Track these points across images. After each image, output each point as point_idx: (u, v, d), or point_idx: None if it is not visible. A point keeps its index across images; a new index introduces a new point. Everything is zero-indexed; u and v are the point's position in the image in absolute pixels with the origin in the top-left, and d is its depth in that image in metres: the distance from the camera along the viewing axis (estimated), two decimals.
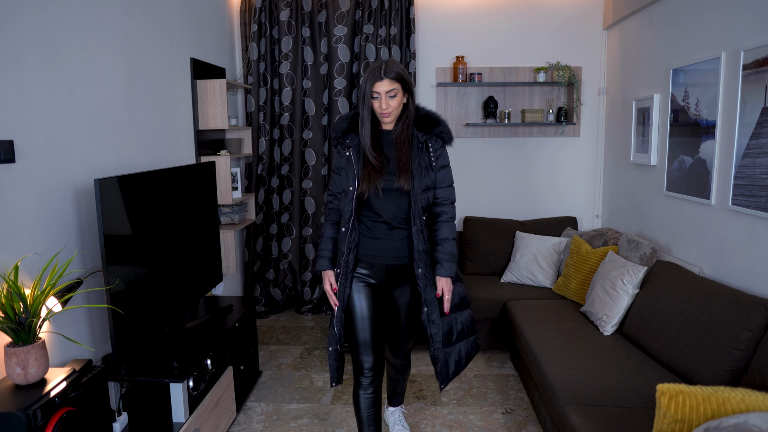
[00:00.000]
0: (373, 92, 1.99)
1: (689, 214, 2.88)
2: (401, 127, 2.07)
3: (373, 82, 1.98)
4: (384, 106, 1.99)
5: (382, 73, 1.96)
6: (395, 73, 1.97)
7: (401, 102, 2.03)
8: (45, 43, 2.00)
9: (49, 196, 2.02)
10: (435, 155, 2.09)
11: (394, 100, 2.00)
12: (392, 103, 2.00)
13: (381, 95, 1.99)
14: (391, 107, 2.00)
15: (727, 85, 2.51)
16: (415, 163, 2.05)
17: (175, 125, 3.10)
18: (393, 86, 1.98)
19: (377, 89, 1.98)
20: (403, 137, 2.07)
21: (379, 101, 2.00)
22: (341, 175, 2.13)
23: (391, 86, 1.98)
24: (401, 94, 2.02)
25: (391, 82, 1.98)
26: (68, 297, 1.88)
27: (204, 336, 2.50)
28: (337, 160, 2.15)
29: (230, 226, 3.70)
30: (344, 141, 2.11)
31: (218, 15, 3.88)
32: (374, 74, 1.97)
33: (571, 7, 4.11)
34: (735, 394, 1.51)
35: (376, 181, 2.04)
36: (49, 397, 1.62)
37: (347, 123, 2.12)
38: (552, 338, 2.70)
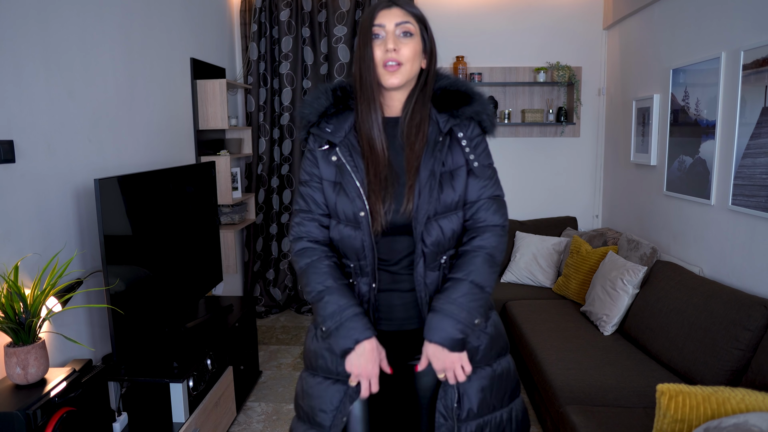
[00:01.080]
0: (375, 25, 1.24)
1: (689, 214, 2.88)
2: (414, 106, 1.29)
3: (377, 8, 1.26)
4: (391, 49, 1.22)
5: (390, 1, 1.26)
6: (410, 5, 1.28)
7: (418, 56, 1.27)
8: (45, 43, 2.00)
9: (49, 196, 2.02)
10: (471, 148, 1.30)
11: (408, 43, 1.24)
12: (405, 48, 1.24)
13: (388, 32, 1.24)
14: (404, 55, 1.24)
15: (727, 85, 2.51)
16: (427, 169, 1.25)
17: (175, 125, 3.10)
18: (407, 19, 1.25)
19: (382, 20, 1.24)
20: (417, 126, 1.28)
21: (383, 43, 1.24)
22: (320, 189, 1.33)
23: (405, 18, 1.25)
24: (419, 41, 1.27)
25: (406, 14, 1.25)
26: (68, 297, 1.88)
27: (204, 336, 2.50)
28: (311, 163, 1.33)
29: (230, 226, 3.70)
30: (322, 130, 1.30)
31: (218, 15, 3.88)
32: (381, 3, 1.27)
33: (571, 7, 4.11)
34: (735, 394, 1.51)
35: (387, 202, 1.26)
36: (49, 397, 1.62)
37: (327, 99, 1.31)
38: (552, 338, 2.70)
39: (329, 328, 1.26)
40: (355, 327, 1.24)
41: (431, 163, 1.26)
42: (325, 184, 1.31)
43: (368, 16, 1.26)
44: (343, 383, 1.32)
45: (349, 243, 1.29)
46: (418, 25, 1.27)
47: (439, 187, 1.26)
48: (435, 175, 1.25)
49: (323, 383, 1.35)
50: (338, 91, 1.32)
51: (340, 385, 1.33)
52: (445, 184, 1.27)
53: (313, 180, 1.33)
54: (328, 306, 1.26)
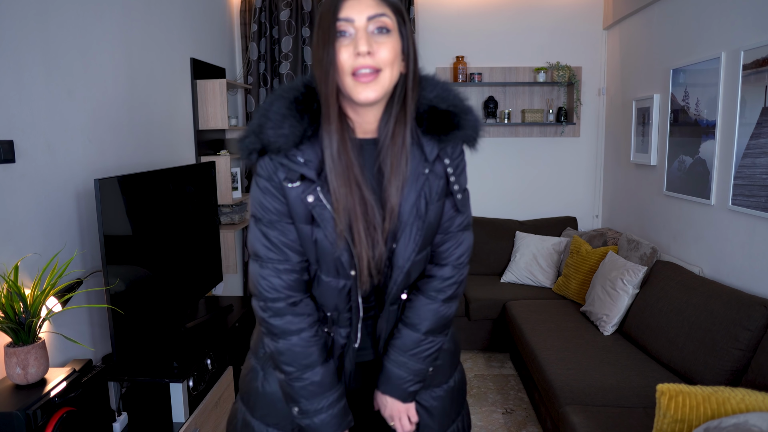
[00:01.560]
0: (341, 20, 0.93)
1: (689, 214, 2.88)
2: (395, 127, 1.01)
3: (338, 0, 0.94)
4: (364, 52, 0.92)
5: None
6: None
7: (398, 58, 0.97)
8: (45, 43, 2.00)
9: (49, 196, 2.02)
10: (455, 174, 1.07)
11: (385, 42, 0.95)
12: (382, 49, 0.94)
13: (358, 29, 0.93)
14: (381, 58, 0.94)
15: (727, 85, 2.51)
16: (408, 205, 1.03)
17: (175, 125, 3.10)
18: (382, 10, 0.94)
19: (349, 13, 0.93)
20: (399, 152, 1.01)
21: (352, 43, 0.93)
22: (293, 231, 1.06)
23: (380, 9, 0.94)
24: (398, 38, 0.97)
25: (380, 4, 0.94)
26: (68, 297, 1.88)
27: (204, 336, 2.50)
28: (276, 198, 1.04)
29: (230, 226, 3.70)
30: (293, 160, 1.00)
31: (218, 15, 3.88)
32: None
33: (571, 7, 4.11)
34: (735, 394, 1.51)
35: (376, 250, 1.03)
36: (49, 397, 1.62)
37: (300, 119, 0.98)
38: (552, 338, 2.70)
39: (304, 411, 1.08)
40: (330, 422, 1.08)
41: (413, 198, 1.02)
42: (300, 226, 1.03)
43: (329, 7, 0.93)
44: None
45: (330, 292, 1.06)
46: (395, 17, 0.96)
47: (421, 226, 1.04)
48: (419, 214, 1.03)
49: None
50: (301, 98, 0.99)
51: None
52: (425, 222, 1.05)
53: (282, 220, 1.04)
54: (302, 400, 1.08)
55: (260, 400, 1.18)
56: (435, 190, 1.05)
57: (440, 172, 1.05)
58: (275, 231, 1.05)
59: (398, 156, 1.00)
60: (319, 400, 1.07)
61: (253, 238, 1.09)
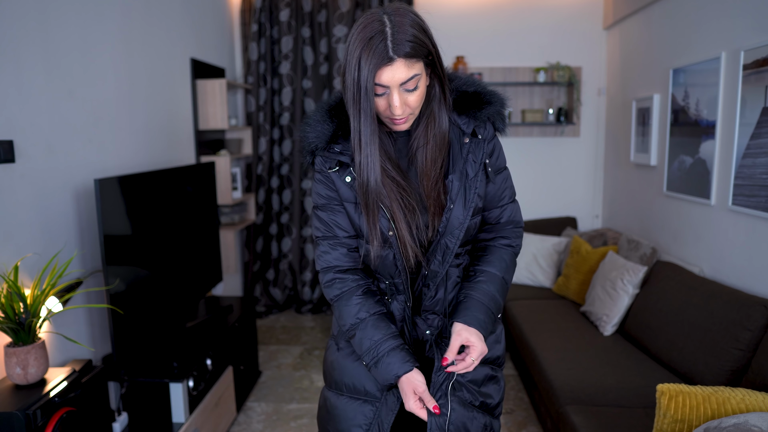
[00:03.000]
0: (377, 84, 1.08)
1: (689, 214, 2.88)
2: (426, 127, 1.19)
3: (376, 66, 1.05)
4: (398, 109, 1.10)
5: (390, 50, 1.05)
6: (412, 44, 1.06)
7: (424, 93, 1.14)
8: (45, 43, 2.00)
9: (49, 196, 2.02)
10: (489, 149, 1.24)
11: (414, 93, 1.11)
12: (412, 99, 1.11)
13: (392, 89, 1.08)
14: (411, 106, 1.12)
15: (727, 85, 2.51)
16: (458, 172, 1.20)
17: (175, 125, 3.10)
18: (412, 73, 1.07)
19: (383, 80, 1.07)
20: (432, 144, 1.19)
21: (387, 99, 1.10)
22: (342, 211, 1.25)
23: (409, 72, 1.07)
24: (425, 78, 1.13)
25: (410, 67, 1.07)
26: (68, 297, 1.88)
27: (204, 336, 2.50)
28: (326, 185, 1.25)
29: (230, 226, 3.70)
30: (331, 151, 1.21)
31: (218, 15, 3.88)
32: (376, 50, 1.05)
33: (571, 7, 4.11)
34: (735, 394, 1.51)
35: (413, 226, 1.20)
36: (49, 397, 1.62)
37: (331, 123, 1.21)
38: (552, 338, 2.70)
39: (368, 363, 1.20)
40: (392, 362, 1.17)
41: (461, 165, 1.20)
42: (347, 205, 1.22)
43: (368, 72, 1.05)
44: (372, 404, 1.26)
45: (381, 261, 1.22)
46: (424, 62, 1.11)
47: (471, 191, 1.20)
48: (468, 178, 1.20)
49: (351, 404, 1.29)
50: (333, 111, 1.22)
51: (370, 406, 1.27)
52: (474, 189, 1.21)
53: (332, 203, 1.24)
54: (363, 342, 1.20)
55: (332, 370, 1.33)
56: (478, 158, 1.21)
57: (479, 146, 1.22)
58: (326, 212, 1.25)
59: (433, 149, 1.19)
60: (373, 353, 1.18)
61: (313, 223, 1.30)
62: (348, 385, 1.30)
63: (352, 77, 1.08)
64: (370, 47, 1.05)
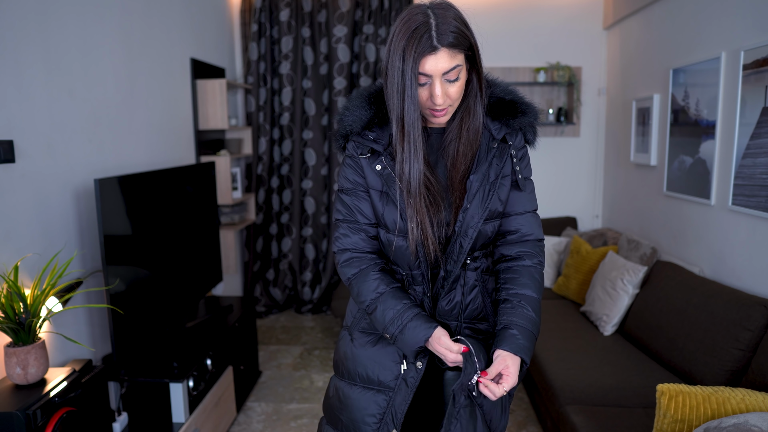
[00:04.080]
0: (421, 74, 1.11)
1: (689, 214, 2.88)
2: (461, 121, 1.22)
3: (420, 54, 1.08)
4: (440, 99, 1.13)
5: (435, 39, 1.08)
6: (455, 35, 1.09)
7: (464, 83, 1.17)
8: (45, 43, 2.00)
9: (49, 196, 2.02)
10: (517, 159, 1.27)
11: (455, 84, 1.14)
12: (452, 90, 1.14)
13: (435, 78, 1.11)
14: (451, 98, 1.15)
15: (727, 85, 2.51)
16: (480, 174, 1.23)
17: (175, 125, 3.10)
18: (454, 62, 1.11)
19: (427, 69, 1.10)
20: (465, 138, 1.22)
21: (429, 89, 1.13)
22: (366, 198, 1.28)
23: (452, 62, 1.10)
24: (465, 71, 1.16)
25: (453, 57, 1.11)
26: (68, 297, 1.88)
27: (204, 336, 2.50)
28: (354, 171, 1.28)
29: (230, 226, 3.70)
30: (365, 137, 1.24)
31: (218, 15, 3.88)
32: (421, 40, 1.08)
33: (571, 7, 4.11)
34: (735, 394, 1.51)
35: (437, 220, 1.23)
36: (49, 397, 1.62)
37: (368, 110, 1.23)
38: (552, 338, 2.70)
39: (393, 333, 1.21)
40: (418, 326, 1.19)
41: (485, 168, 1.23)
42: (372, 193, 1.25)
43: (413, 61, 1.09)
44: (386, 393, 1.29)
45: (401, 252, 1.25)
46: (465, 55, 1.15)
47: (489, 194, 1.23)
48: (488, 180, 1.23)
49: (364, 393, 1.31)
50: (373, 98, 1.25)
51: (383, 395, 1.29)
52: (493, 192, 1.23)
53: (358, 188, 1.27)
54: (386, 313, 1.22)
55: (345, 361, 1.36)
56: (503, 165, 1.25)
57: (507, 153, 1.25)
58: (351, 197, 1.28)
59: (465, 143, 1.22)
60: (398, 322, 1.21)
61: (336, 206, 1.33)
62: (362, 375, 1.32)
63: (396, 67, 1.11)
64: (415, 37, 1.08)
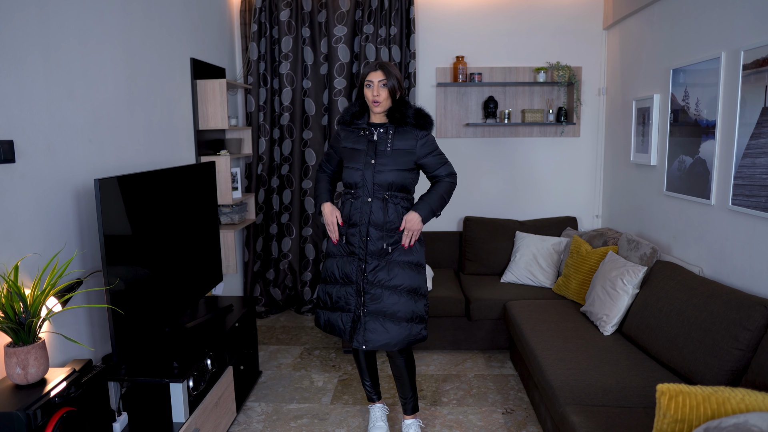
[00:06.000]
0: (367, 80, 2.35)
1: (689, 214, 2.88)
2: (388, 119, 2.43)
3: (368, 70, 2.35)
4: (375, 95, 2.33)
5: None
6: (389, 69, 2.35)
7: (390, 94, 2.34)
8: (45, 43, 2.00)
9: (49, 196, 2.02)
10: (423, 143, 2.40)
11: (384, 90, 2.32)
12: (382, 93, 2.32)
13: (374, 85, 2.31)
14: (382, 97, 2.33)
15: (727, 85, 2.51)
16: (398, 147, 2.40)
17: (175, 125, 3.10)
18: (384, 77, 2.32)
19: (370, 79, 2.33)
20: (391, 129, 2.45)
21: (371, 89, 2.33)
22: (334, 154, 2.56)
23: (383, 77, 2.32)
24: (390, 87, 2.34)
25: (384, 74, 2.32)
26: (68, 297, 1.88)
27: (204, 336, 2.50)
28: (335, 141, 2.53)
29: (230, 226, 3.70)
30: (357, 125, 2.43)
31: (218, 15, 3.88)
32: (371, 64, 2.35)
33: (571, 7, 4.11)
34: (735, 394, 1.51)
35: None
36: (49, 397, 1.62)
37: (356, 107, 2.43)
38: (552, 338, 2.70)
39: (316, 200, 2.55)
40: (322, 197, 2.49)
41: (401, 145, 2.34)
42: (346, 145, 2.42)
43: (365, 72, 2.32)
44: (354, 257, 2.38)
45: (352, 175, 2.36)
46: (392, 78, 2.29)
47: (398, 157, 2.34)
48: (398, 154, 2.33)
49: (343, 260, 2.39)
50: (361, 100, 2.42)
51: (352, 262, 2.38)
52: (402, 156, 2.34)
53: (335, 147, 2.49)
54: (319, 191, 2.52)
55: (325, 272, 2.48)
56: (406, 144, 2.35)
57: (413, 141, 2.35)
58: (330, 147, 2.54)
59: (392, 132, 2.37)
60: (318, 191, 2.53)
61: (325, 153, 2.71)
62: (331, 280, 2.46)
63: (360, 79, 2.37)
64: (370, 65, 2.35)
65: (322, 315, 2.47)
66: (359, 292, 2.33)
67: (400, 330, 2.31)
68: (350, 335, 2.35)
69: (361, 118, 2.38)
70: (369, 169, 2.32)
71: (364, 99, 2.36)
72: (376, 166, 2.31)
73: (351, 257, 2.36)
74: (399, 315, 2.31)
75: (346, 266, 2.36)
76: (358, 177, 2.33)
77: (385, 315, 2.31)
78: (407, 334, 2.33)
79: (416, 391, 2.54)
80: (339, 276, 2.39)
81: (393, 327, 2.30)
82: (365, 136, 2.37)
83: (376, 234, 2.32)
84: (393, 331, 2.31)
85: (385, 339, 2.31)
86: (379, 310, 2.31)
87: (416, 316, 2.35)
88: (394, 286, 2.31)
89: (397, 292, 2.31)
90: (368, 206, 2.32)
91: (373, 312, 2.31)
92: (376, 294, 2.31)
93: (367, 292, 2.31)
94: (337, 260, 2.40)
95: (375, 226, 2.32)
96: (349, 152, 2.38)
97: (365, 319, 2.32)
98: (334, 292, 2.40)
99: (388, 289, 2.31)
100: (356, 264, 2.34)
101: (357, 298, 2.33)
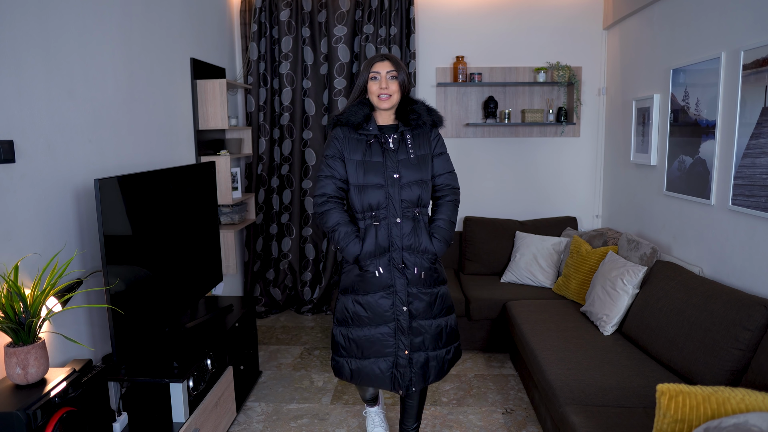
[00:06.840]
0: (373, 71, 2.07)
1: (689, 214, 2.88)
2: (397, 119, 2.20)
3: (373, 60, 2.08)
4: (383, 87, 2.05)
5: None
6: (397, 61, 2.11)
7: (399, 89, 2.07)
8: (45, 43, 2.00)
9: (49, 196, 2.02)
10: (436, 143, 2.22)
11: (393, 82, 2.06)
12: (390, 86, 2.05)
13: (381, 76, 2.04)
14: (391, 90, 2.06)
15: (727, 85, 2.51)
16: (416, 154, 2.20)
17: (175, 125, 3.10)
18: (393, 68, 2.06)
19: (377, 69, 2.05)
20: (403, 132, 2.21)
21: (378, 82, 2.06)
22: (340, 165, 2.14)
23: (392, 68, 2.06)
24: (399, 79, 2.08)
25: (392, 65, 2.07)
26: (68, 297, 1.88)
27: (204, 336, 2.50)
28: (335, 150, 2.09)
29: (230, 226, 3.70)
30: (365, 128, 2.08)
31: (218, 15, 3.88)
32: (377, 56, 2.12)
33: (571, 7, 4.11)
34: (735, 394, 1.51)
35: None
36: (49, 397, 1.62)
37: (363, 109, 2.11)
38: (552, 338, 2.70)
39: (344, 246, 2.01)
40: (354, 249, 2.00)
41: (419, 152, 2.06)
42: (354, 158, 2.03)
43: (369, 63, 2.02)
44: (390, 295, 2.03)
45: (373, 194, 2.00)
46: (400, 69, 2.01)
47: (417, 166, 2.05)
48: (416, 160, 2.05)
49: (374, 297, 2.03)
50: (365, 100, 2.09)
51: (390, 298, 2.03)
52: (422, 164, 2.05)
53: (336, 156, 2.05)
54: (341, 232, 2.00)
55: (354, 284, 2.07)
56: (425, 149, 2.07)
57: (429, 143, 2.09)
58: (333, 161, 2.03)
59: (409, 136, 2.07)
60: (346, 240, 1.99)
61: (320, 168, 2.06)
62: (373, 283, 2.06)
63: (362, 71, 2.08)
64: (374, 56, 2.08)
65: (346, 364, 2.07)
66: (399, 331, 2.02)
67: (445, 357, 2.10)
68: (392, 383, 2.03)
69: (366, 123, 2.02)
70: (394, 186, 1.95)
71: (363, 99, 2.04)
72: (401, 180, 1.96)
73: (384, 291, 2.01)
74: (443, 341, 2.09)
75: (377, 303, 2.01)
76: (381, 197, 1.96)
77: (427, 347, 2.06)
78: (451, 359, 2.13)
79: (421, 420, 2.34)
80: (366, 315, 2.02)
81: (437, 357, 2.08)
82: (377, 143, 1.99)
83: (411, 260, 2.00)
84: (438, 360, 2.08)
85: (433, 375, 2.06)
86: (423, 344, 2.04)
87: (454, 333, 2.15)
88: (434, 314, 2.07)
89: (435, 318, 2.08)
90: (398, 229, 1.97)
91: (417, 347, 2.03)
92: (418, 327, 2.03)
93: (412, 328, 2.01)
94: (360, 297, 2.04)
95: (409, 251, 1.99)
96: (361, 166, 1.98)
97: (414, 359, 2.03)
98: (362, 335, 2.03)
99: (428, 319, 2.06)
100: (392, 299, 2.01)
101: (396, 339, 2.01)
